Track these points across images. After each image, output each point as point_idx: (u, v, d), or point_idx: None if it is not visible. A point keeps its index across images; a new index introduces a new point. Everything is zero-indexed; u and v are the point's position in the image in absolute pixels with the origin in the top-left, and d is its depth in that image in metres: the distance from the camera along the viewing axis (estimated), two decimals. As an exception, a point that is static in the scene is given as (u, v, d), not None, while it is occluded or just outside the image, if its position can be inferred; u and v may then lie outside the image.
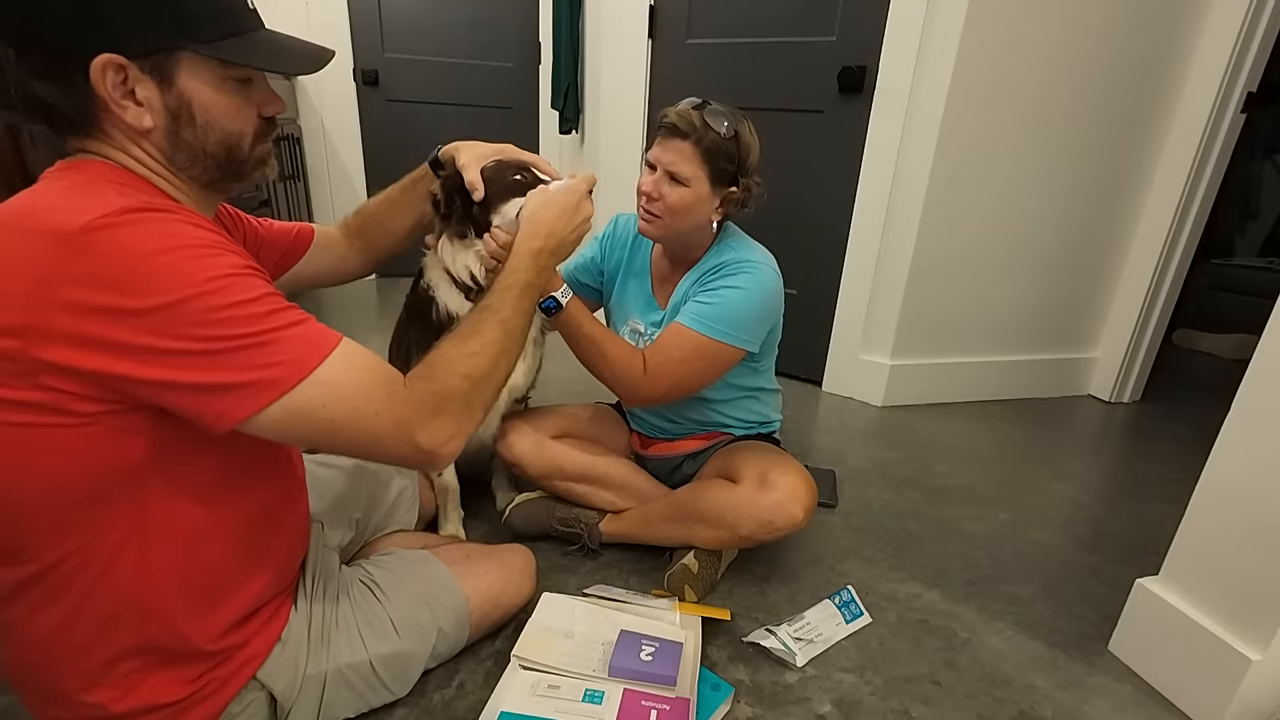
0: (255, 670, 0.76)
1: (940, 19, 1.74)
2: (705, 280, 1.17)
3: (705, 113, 1.08)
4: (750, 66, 2.06)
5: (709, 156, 1.08)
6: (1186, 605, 1.01)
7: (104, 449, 0.60)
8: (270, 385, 0.60)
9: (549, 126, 3.15)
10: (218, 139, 0.68)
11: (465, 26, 3.11)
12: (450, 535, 1.28)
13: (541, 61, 3.15)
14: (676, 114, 1.09)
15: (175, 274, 0.56)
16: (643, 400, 1.19)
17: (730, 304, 1.13)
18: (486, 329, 0.80)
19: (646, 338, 1.27)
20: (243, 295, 0.59)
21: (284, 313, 0.62)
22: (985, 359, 2.19)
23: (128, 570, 0.65)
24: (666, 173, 1.10)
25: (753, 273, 1.15)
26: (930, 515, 1.52)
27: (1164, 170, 2.04)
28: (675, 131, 1.08)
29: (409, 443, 0.69)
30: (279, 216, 2.67)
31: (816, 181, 2.06)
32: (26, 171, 1.29)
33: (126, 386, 0.57)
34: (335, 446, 0.67)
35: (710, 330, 1.12)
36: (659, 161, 1.11)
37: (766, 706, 0.98)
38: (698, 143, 1.07)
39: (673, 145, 1.09)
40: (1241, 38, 1.83)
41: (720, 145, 1.08)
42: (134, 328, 0.55)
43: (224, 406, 0.59)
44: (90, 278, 0.54)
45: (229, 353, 0.58)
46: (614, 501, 1.29)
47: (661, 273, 1.29)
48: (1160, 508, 1.60)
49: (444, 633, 0.94)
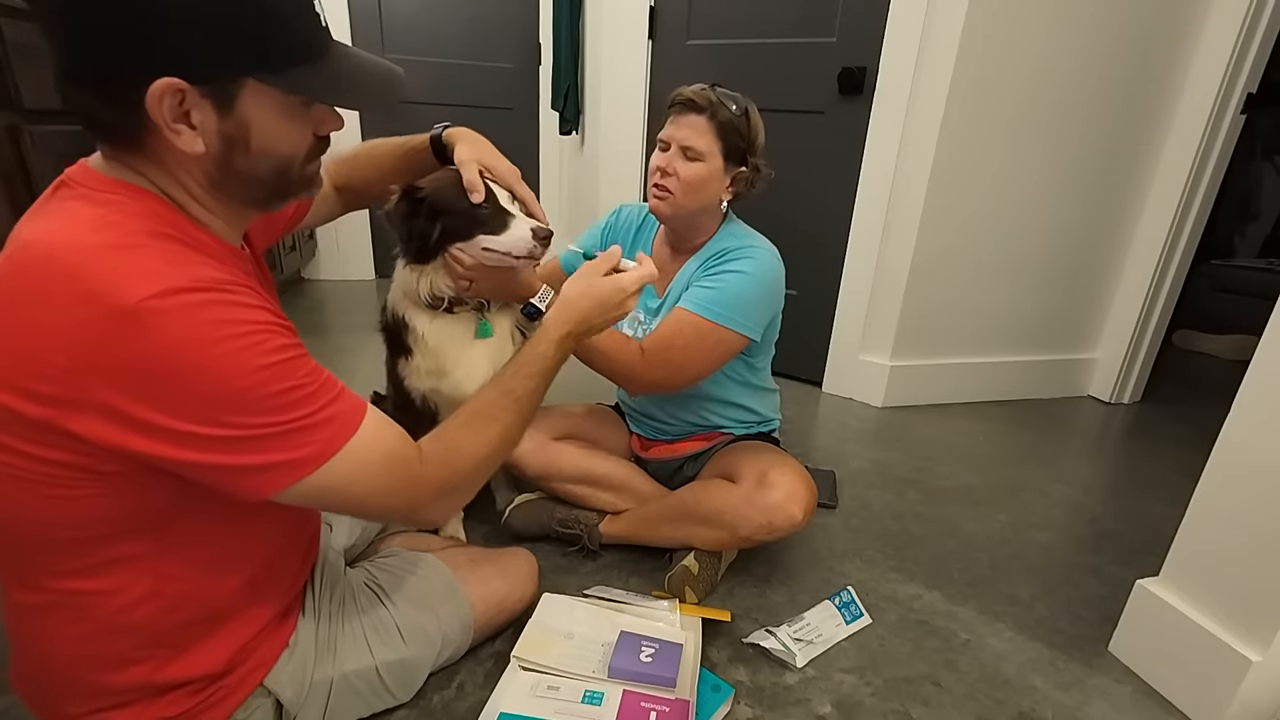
0: (262, 677, 0.76)
1: (940, 20, 1.74)
2: (709, 265, 1.17)
3: (717, 91, 1.10)
4: (750, 67, 2.06)
5: (723, 132, 1.10)
6: (1187, 606, 1.01)
7: (126, 496, 0.60)
8: (302, 464, 0.60)
9: (549, 127, 3.16)
10: (270, 165, 0.64)
11: (465, 27, 3.11)
12: (451, 536, 1.28)
13: (541, 62, 3.15)
14: (691, 91, 1.10)
15: (224, 367, 0.55)
16: (643, 387, 1.18)
17: (733, 288, 1.13)
18: (504, 414, 0.79)
19: (645, 326, 1.27)
20: (287, 383, 0.59)
21: (320, 392, 0.62)
22: (985, 360, 2.19)
23: (142, 602, 0.64)
24: (681, 148, 1.11)
25: (755, 258, 1.15)
26: (930, 516, 1.52)
27: (1164, 171, 2.04)
28: (690, 106, 1.10)
29: (418, 518, 0.76)
30: (279, 217, 2.68)
31: (816, 182, 2.06)
32: (27, 171, 1.29)
33: (158, 462, 0.56)
34: (347, 513, 0.69)
35: (713, 314, 1.12)
36: (673, 138, 1.12)
37: (766, 707, 0.98)
38: (712, 117, 1.09)
39: (687, 120, 1.10)
40: (1241, 38, 1.83)
41: (733, 121, 1.10)
42: (178, 415, 0.54)
43: (256, 484, 0.60)
44: (138, 362, 0.53)
45: (268, 439, 0.58)
46: (613, 502, 1.29)
47: (662, 260, 1.28)
48: (1160, 508, 1.60)
49: (449, 638, 0.94)
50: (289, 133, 0.63)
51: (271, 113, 0.61)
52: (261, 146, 0.62)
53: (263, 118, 0.60)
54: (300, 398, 0.60)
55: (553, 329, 0.87)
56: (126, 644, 0.66)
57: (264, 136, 0.61)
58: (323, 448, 0.61)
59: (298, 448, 0.60)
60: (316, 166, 0.71)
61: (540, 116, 3.26)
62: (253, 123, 0.60)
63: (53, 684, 0.68)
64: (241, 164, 0.62)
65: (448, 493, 0.75)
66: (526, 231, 0.98)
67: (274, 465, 0.59)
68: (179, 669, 0.69)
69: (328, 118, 0.68)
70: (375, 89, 0.68)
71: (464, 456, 0.75)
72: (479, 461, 0.77)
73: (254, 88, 0.58)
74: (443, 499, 0.75)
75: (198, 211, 0.64)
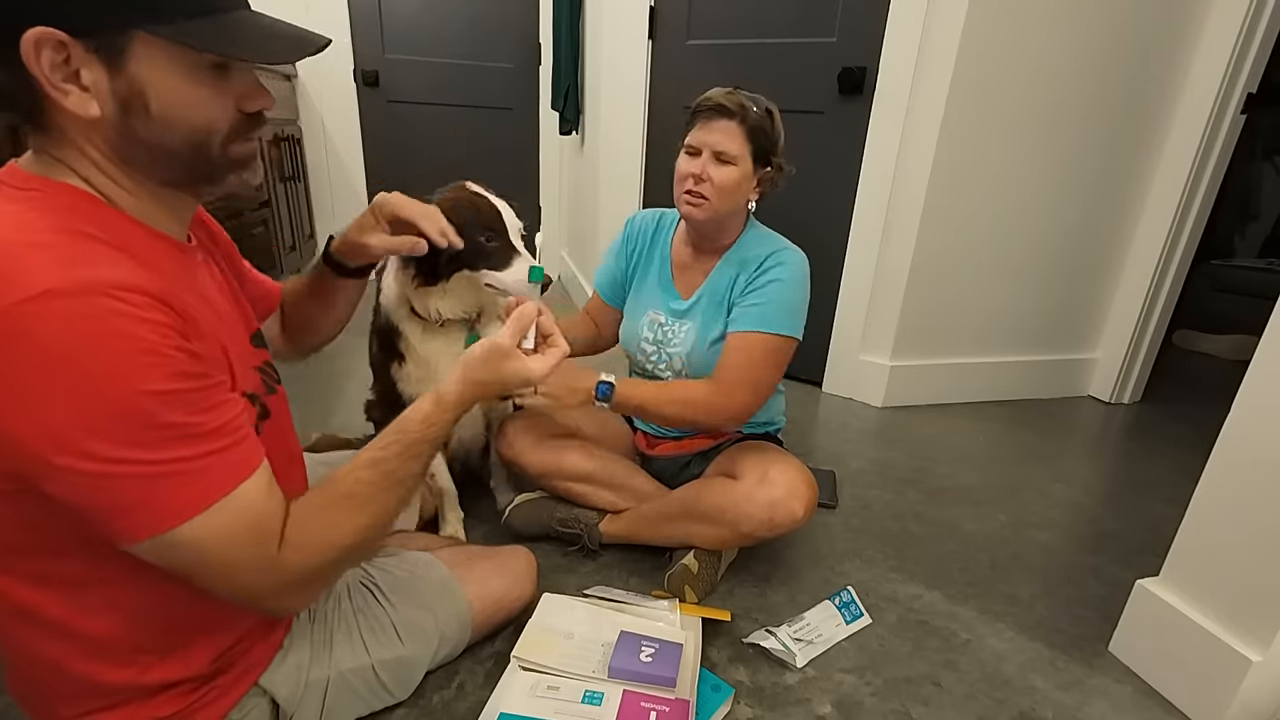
0: (256, 678, 0.76)
1: (940, 20, 1.74)
2: (753, 281, 1.18)
3: (742, 95, 1.12)
4: (750, 67, 2.06)
5: (753, 134, 1.12)
6: (1187, 606, 1.01)
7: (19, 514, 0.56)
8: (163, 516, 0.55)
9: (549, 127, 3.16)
10: (181, 135, 0.58)
11: (465, 27, 3.11)
12: (450, 536, 1.28)
13: (541, 62, 3.15)
14: (720, 95, 1.11)
15: (97, 387, 0.50)
16: (731, 417, 1.18)
17: (781, 297, 1.16)
18: (384, 497, 0.71)
19: (668, 328, 1.27)
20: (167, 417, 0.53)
21: (209, 437, 0.56)
22: (985, 360, 2.19)
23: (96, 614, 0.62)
24: (714, 153, 1.12)
25: (789, 261, 1.18)
26: (930, 516, 1.52)
27: (1164, 171, 2.04)
28: (721, 112, 1.11)
29: (260, 605, 0.66)
30: (279, 216, 2.67)
31: (817, 182, 2.05)
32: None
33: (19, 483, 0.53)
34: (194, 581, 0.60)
35: (774, 327, 1.15)
36: (704, 144, 1.13)
37: (766, 707, 0.98)
38: (743, 121, 1.11)
39: (719, 126, 1.12)
40: (1241, 38, 1.83)
41: (761, 123, 1.12)
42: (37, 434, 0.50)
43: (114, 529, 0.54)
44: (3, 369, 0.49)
45: (129, 480, 0.53)
46: (614, 501, 1.29)
47: (682, 260, 1.29)
48: (1160, 508, 1.60)
49: (446, 636, 0.94)
50: (198, 99, 0.58)
51: (171, 73, 0.56)
52: (164, 112, 0.57)
53: (160, 78, 0.55)
54: (177, 437, 0.54)
55: (451, 407, 0.77)
56: (103, 650, 0.64)
57: (166, 100, 0.56)
58: (190, 501, 0.55)
59: (163, 496, 0.54)
60: (248, 150, 0.65)
61: (540, 116, 3.27)
62: (149, 83, 0.55)
63: (43, 686, 0.67)
64: (144, 131, 0.57)
65: (302, 587, 0.66)
66: (524, 274, 1.01)
67: (130, 510, 0.53)
68: (164, 672, 0.67)
69: (252, 91, 0.62)
70: (286, 42, 0.62)
71: (329, 537, 0.66)
72: (347, 547, 0.68)
73: (146, 41, 0.54)
74: (293, 594, 0.66)
75: (126, 202, 0.60)
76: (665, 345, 1.27)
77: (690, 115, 1.16)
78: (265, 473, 0.62)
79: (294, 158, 2.89)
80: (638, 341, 1.31)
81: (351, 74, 3.07)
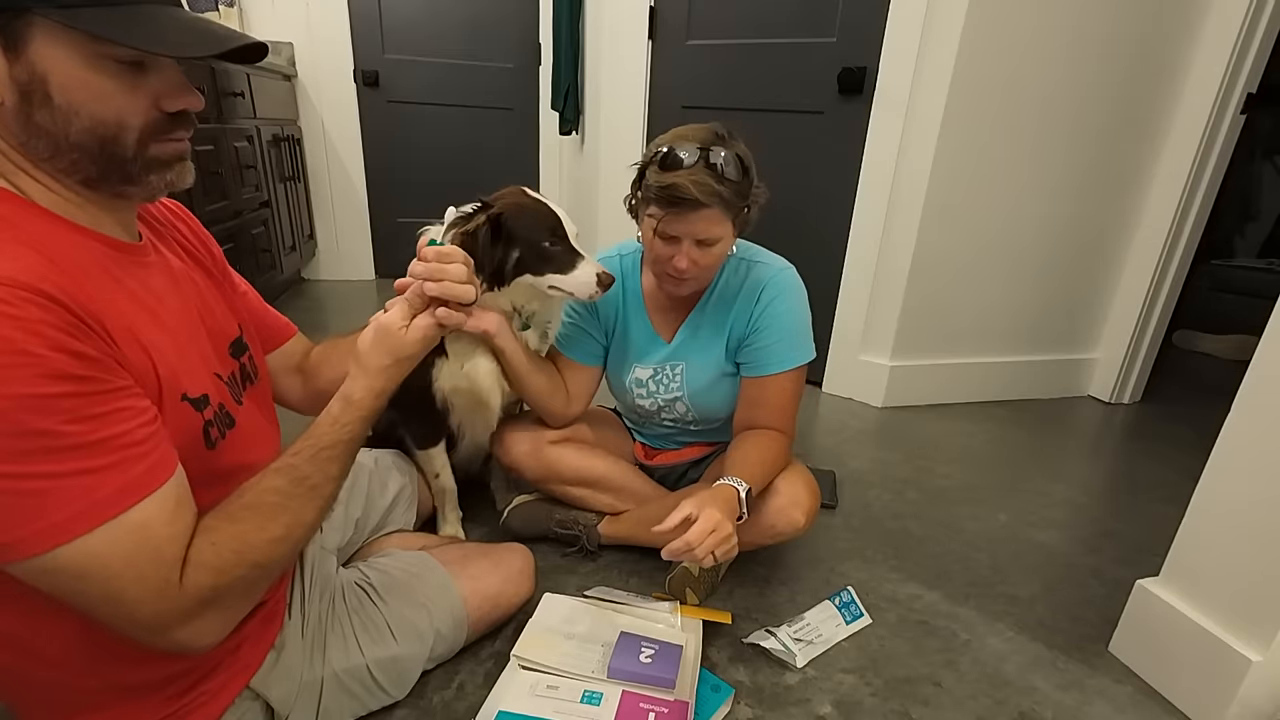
0: (248, 680, 0.75)
1: (940, 19, 1.74)
2: (755, 319, 1.15)
3: (711, 163, 1.00)
4: (750, 67, 2.06)
5: (731, 208, 1.03)
6: (1187, 606, 1.01)
7: None
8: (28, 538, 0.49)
9: (549, 127, 3.15)
10: (84, 127, 0.55)
11: (465, 27, 3.11)
12: (449, 536, 1.28)
13: (541, 62, 3.15)
14: (693, 184, 0.97)
15: None
16: (787, 450, 1.17)
17: (790, 324, 1.15)
18: (298, 505, 0.66)
19: (657, 379, 1.25)
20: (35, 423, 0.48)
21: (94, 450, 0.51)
22: (985, 360, 2.19)
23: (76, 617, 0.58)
24: (696, 241, 1.04)
25: (784, 288, 1.16)
26: (930, 516, 1.52)
27: (1164, 171, 2.04)
28: (699, 205, 0.99)
29: (162, 640, 0.58)
30: (279, 217, 2.67)
31: (816, 183, 2.06)
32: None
33: None
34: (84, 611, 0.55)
35: (796, 360, 1.16)
36: (686, 234, 1.03)
37: (767, 708, 0.98)
38: (720, 202, 1.01)
39: (698, 216, 1.01)
40: (1241, 38, 1.83)
41: (739, 188, 1.02)
42: None
43: None
44: None
45: None
46: (612, 504, 1.29)
47: (658, 303, 1.25)
48: (1160, 508, 1.60)
49: (441, 635, 0.94)
50: (103, 92, 0.55)
51: (72, 63, 0.53)
52: (67, 102, 0.54)
53: (62, 67, 0.53)
54: (48, 449, 0.49)
55: (360, 404, 0.72)
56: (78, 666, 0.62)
57: (69, 91, 0.54)
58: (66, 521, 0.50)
59: (31, 516, 0.49)
60: (173, 150, 0.61)
61: (540, 116, 3.26)
62: (51, 71, 0.53)
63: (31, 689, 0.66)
64: (47, 122, 0.54)
65: (208, 606, 0.59)
66: (592, 276, 1.03)
67: None
68: (145, 673, 0.66)
69: (175, 90, 0.59)
70: (188, 40, 0.57)
71: (238, 551, 0.61)
72: (257, 561, 0.62)
73: (46, 28, 0.52)
74: (200, 617, 0.59)
75: (45, 198, 0.57)
76: (660, 394, 1.26)
77: (657, 191, 1.01)
78: (173, 490, 0.57)
79: (294, 158, 2.88)
80: (631, 399, 1.29)
81: (351, 74, 3.07)
